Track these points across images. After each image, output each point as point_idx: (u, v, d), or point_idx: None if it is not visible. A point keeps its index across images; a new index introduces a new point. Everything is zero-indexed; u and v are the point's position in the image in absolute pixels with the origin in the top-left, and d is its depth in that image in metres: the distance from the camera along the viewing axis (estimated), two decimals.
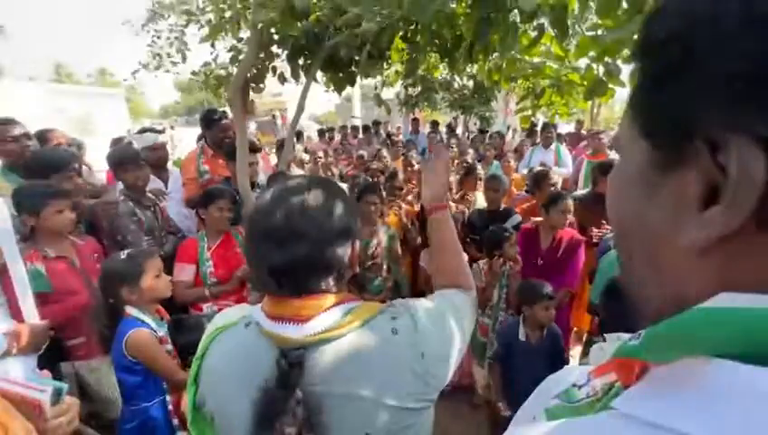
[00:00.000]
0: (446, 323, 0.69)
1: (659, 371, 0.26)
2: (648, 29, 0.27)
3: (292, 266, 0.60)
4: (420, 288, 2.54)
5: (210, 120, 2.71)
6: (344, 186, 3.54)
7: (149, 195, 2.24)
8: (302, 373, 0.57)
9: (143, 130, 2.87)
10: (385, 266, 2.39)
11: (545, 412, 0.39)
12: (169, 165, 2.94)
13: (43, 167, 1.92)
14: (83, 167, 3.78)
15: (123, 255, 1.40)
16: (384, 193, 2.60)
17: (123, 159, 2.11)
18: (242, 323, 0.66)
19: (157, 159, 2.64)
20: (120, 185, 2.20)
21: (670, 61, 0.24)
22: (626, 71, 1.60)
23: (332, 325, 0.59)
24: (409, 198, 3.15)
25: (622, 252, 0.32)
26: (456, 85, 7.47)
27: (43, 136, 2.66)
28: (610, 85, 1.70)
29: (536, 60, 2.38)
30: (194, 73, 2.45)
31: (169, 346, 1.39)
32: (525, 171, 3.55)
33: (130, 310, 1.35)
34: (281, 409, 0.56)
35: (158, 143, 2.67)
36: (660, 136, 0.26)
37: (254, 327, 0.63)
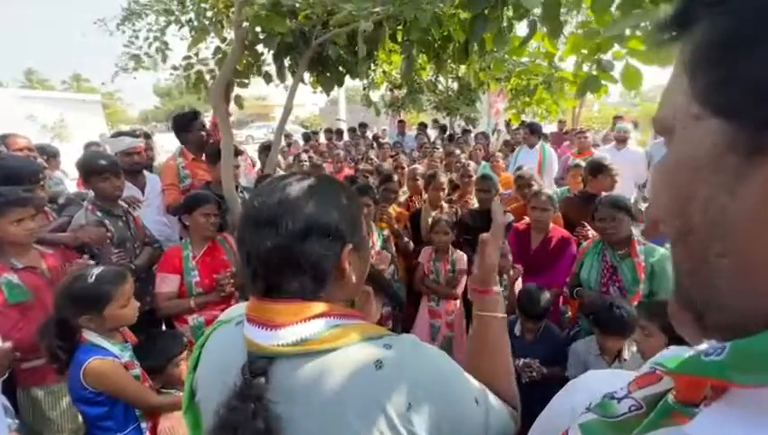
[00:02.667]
0: (467, 392, 0.57)
1: (750, 393, 0.21)
2: None
3: (262, 255, 0.55)
4: (417, 289, 2.51)
5: (187, 122, 2.60)
6: None
7: (122, 203, 2.10)
8: (264, 386, 0.51)
9: (118, 134, 2.72)
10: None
11: (580, 428, 0.35)
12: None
13: (3, 177, 1.78)
14: (57, 173, 3.62)
15: (91, 277, 1.23)
16: (377, 197, 2.55)
17: (98, 166, 1.96)
18: (237, 319, 0.62)
19: (132, 165, 2.50)
20: (90, 193, 2.06)
21: (756, 14, 0.19)
22: (618, 67, 1.59)
23: (309, 338, 0.52)
24: (402, 199, 3.10)
25: (687, 254, 0.26)
26: (440, 87, 7.52)
27: (2, 142, 2.50)
28: (602, 81, 1.70)
29: (525, 59, 2.39)
30: (174, 68, 2.34)
31: (137, 370, 1.28)
32: (516, 171, 3.55)
33: (88, 335, 1.23)
34: (237, 421, 0.50)
35: (135, 147, 2.54)
36: (745, 112, 0.20)
37: (241, 327, 0.59)
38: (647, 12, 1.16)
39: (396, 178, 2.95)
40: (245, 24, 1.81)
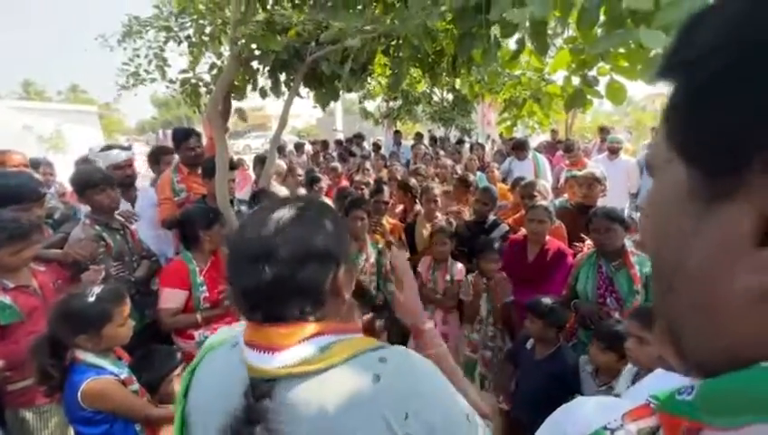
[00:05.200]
0: (458, 405, 0.58)
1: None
2: (688, 36, 0.23)
3: (261, 288, 0.56)
4: None
5: (177, 140, 2.62)
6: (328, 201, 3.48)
7: (118, 217, 2.09)
8: (269, 409, 0.52)
9: (108, 147, 2.69)
10: (374, 284, 2.34)
11: None
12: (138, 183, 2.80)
13: (4, 196, 1.75)
14: (54, 186, 3.61)
15: (91, 296, 1.23)
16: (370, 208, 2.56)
17: (94, 179, 1.96)
18: (231, 342, 0.62)
19: (124, 178, 2.48)
20: (86, 208, 2.05)
21: (720, 74, 0.21)
22: (603, 82, 1.63)
23: (308, 359, 0.54)
24: (397, 209, 3.12)
25: (660, 283, 0.27)
26: (435, 98, 7.62)
27: None
28: (588, 96, 1.74)
29: (517, 72, 2.44)
30: (171, 81, 2.37)
31: (135, 385, 1.28)
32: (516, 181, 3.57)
33: (83, 355, 1.21)
34: None
35: (125, 161, 2.52)
36: (705, 161, 0.22)
37: (238, 349, 0.59)
38: (629, 31, 1.20)
39: (387, 189, 2.96)
40: (241, 41, 1.85)
